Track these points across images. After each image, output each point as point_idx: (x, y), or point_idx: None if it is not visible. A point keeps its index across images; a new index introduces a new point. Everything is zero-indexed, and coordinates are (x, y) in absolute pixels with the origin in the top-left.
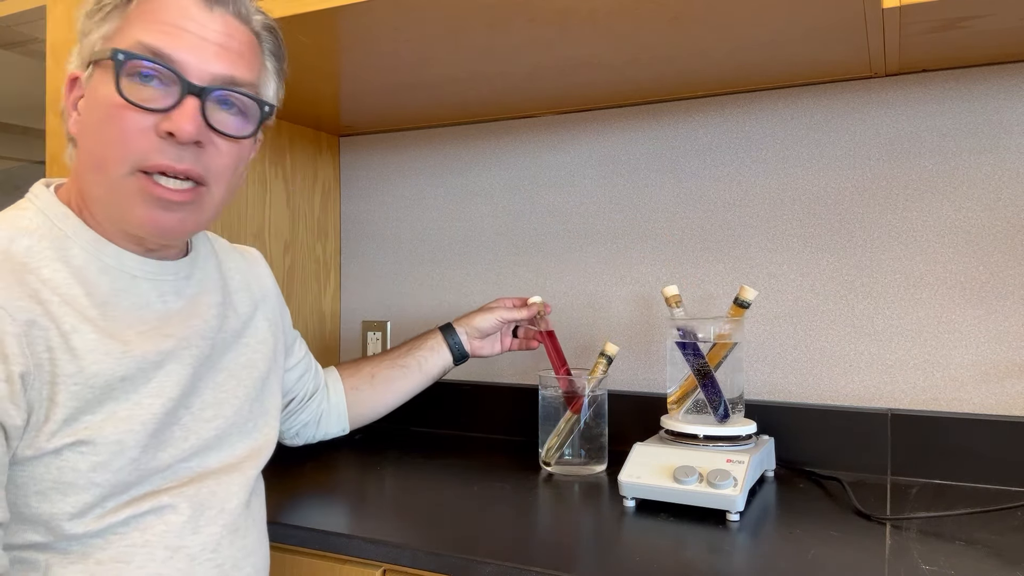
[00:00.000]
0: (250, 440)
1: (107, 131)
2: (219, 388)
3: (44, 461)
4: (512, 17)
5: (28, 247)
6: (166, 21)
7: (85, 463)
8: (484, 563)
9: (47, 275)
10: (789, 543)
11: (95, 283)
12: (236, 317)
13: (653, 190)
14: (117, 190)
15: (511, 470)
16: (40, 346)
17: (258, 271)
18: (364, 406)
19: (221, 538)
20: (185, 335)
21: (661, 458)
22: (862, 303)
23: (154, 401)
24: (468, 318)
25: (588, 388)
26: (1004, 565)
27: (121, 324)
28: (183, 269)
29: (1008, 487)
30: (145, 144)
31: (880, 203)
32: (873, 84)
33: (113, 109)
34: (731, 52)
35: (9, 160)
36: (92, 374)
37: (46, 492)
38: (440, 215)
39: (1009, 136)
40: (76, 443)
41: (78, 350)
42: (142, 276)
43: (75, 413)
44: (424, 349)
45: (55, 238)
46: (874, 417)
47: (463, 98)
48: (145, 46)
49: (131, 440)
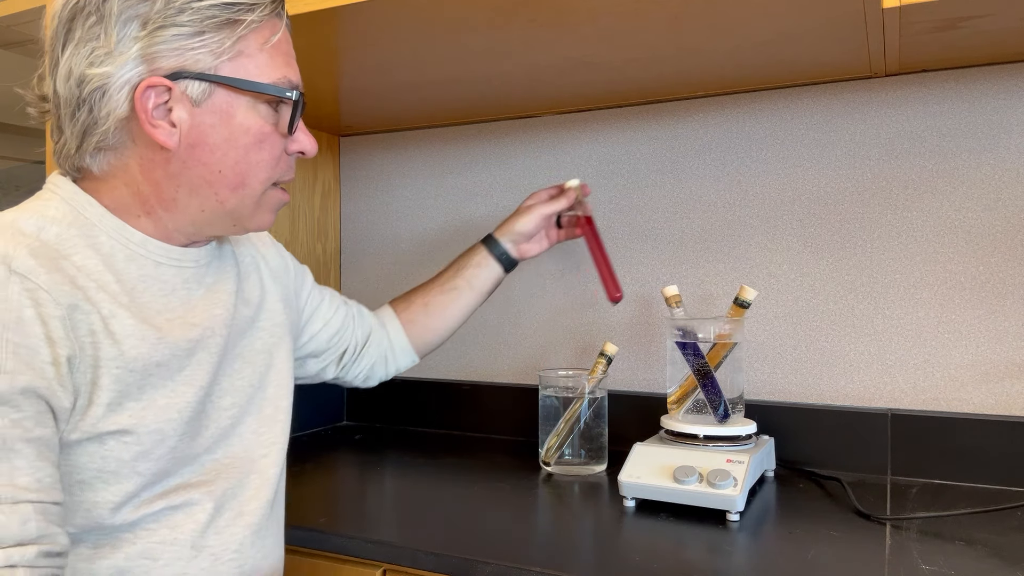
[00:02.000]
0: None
1: (256, 156)
2: (235, 375)
3: (88, 449)
4: (512, 17)
5: (58, 234)
6: (287, 52)
7: (128, 452)
8: (484, 563)
9: (80, 262)
10: (789, 543)
11: (123, 270)
12: (247, 304)
13: (653, 190)
14: (255, 203)
15: (511, 470)
16: (83, 329)
17: (264, 253)
18: (426, 335)
19: (244, 539)
20: (209, 324)
21: (661, 458)
22: (862, 303)
23: (187, 389)
24: (508, 224)
25: (588, 388)
26: (1004, 565)
27: (151, 310)
28: (203, 257)
29: (1008, 487)
30: (284, 164)
31: (880, 203)
32: (873, 84)
33: (263, 136)
34: (731, 52)
35: (9, 160)
36: (132, 358)
37: (89, 481)
38: (440, 215)
39: (1009, 136)
40: (119, 431)
41: (117, 334)
42: (167, 263)
43: (118, 397)
44: (471, 267)
45: (82, 225)
46: (874, 417)
47: (463, 98)
48: (291, 83)
49: (170, 429)
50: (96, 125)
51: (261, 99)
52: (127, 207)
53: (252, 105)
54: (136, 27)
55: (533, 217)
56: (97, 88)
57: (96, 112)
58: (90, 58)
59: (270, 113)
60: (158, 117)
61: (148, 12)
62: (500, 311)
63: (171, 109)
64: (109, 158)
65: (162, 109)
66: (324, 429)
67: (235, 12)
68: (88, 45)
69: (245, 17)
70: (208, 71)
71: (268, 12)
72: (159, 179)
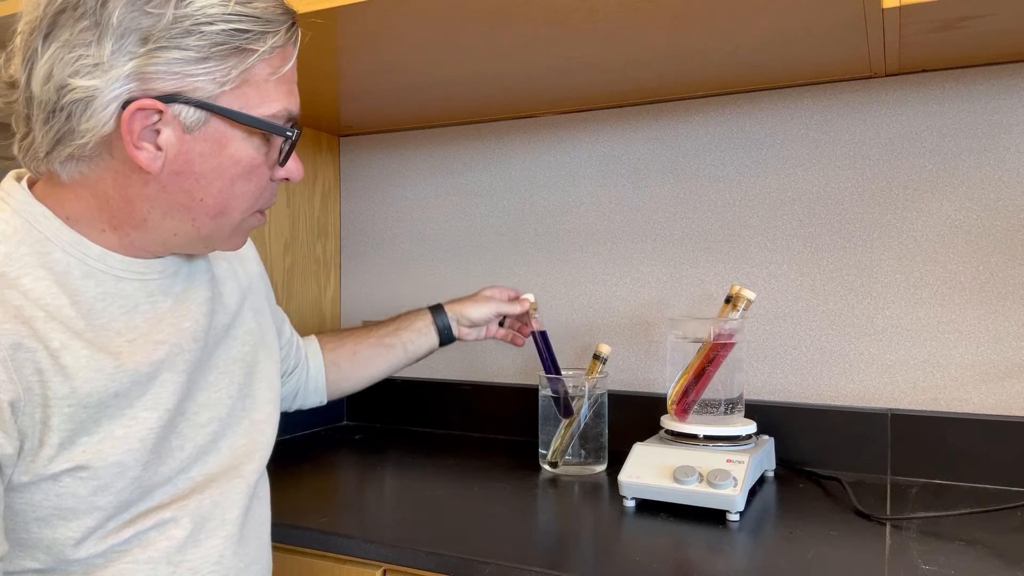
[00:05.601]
0: (246, 437)
1: (241, 187)
2: (211, 388)
3: (42, 488)
4: (512, 17)
5: (6, 254)
6: (291, 80)
7: (85, 488)
8: (484, 563)
9: (29, 285)
10: (789, 543)
11: (79, 288)
12: (224, 311)
13: (653, 190)
14: (234, 228)
15: (511, 470)
16: (28, 369)
17: (243, 255)
18: (343, 382)
19: (224, 549)
20: (177, 340)
21: (661, 458)
22: (862, 303)
23: (150, 415)
24: (461, 305)
25: (586, 388)
26: (1004, 565)
27: (110, 332)
28: (169, 266)
29: (1008, 487)
30: (268, 192)
31: (880, 203)
32: (873, 84)
33: (252, 168)
34: (731, 52)
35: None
36: (85, 394)
37: (46, 519)
38: (440, 215)
39: (1009, 136)
40: (75, 468)
41: (69, 368)
42: (128, 277)
43: (71, 436)
44: (411, 331)
45: (35, 241)
46: (874, 417)
47: (463, 98)
48: (290, 114)
49: (130, 459)
50: (72, 136)
51: (257, 132)
52: (90, 219)
53: (246, 137)
54: (134, 42)
55: (488, 309)
56: (80, 100)
57: (75, 123)
58: (75, 66)
59: (262, 144)
60: (144, 139)
61: (152, 28)
62: None
63: (159, 131)
64: (81, 168)
65: (149, 131)
66: (324, 429)
67: (247, 40)
68: (76, 51)
69: (257, 47)
70: (207, 99)
71: (282, 41)
72: (133, 198)
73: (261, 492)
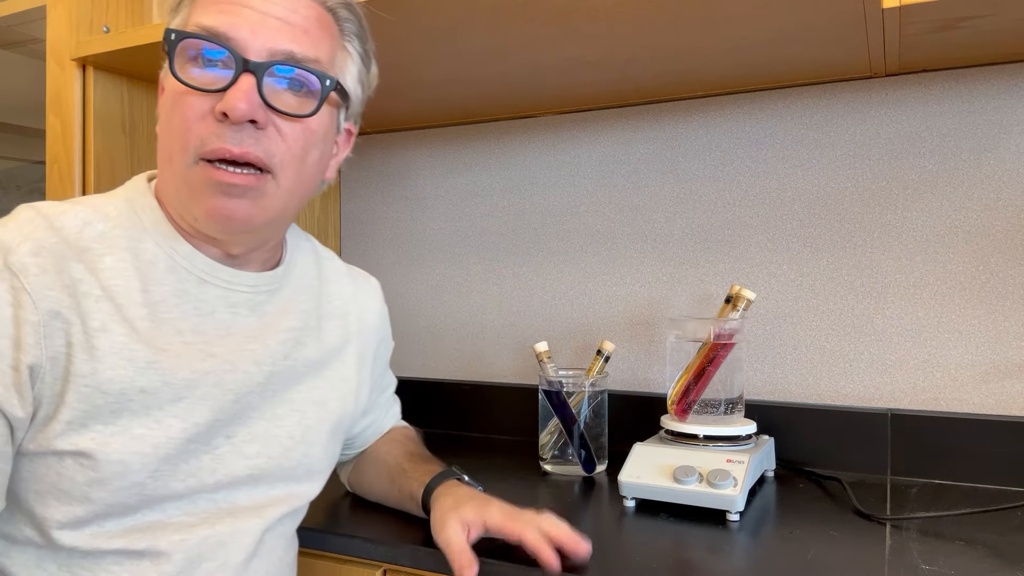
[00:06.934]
0: (291, 486)
1: (172, 121)
2: (275, 421)
3: (46, 461)
4: (512, 17)
5: (102, 233)
6: (225, 0)
7: (83, 476)
8: (484, 563)
9: (107, 264)
10: (789, 543)
11: (159, 280)
12: (318, 346)
13: (653, 190)
14: (185, 183)
15: (511, 470)
16: (59, 339)
17: (365, 301)
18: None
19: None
20: (233, 358)
21: (661, 458)
22: (862, 303)
23: (175, 423)
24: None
25: (586, 384)
26: (1004, 565)
27: (170, 329)
28: (265, 283)
29: (1008, 487)
30: (204, 130)
31: (880, 203)
32: (873, 84)
33: (176, 96)
34: (731, 52)
35: (9, 160)
36: (106, 379)
37: (43, 494)
38: (440, 215)
39: (1009, 136)
40: (78, 453)
41: (99, 350)
42: (212, 282)
43: (83, 418)
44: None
45: (133, 227)
46: (874, 417)
47: (463, 98)
48: (202, 27)
49: (137, 463)
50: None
51: (166, 54)
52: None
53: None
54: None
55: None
56: None
57: None
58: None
59: (186, 68)
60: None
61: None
62: (500, 311)
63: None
64: None
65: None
66: None
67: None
68: None
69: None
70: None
71: None
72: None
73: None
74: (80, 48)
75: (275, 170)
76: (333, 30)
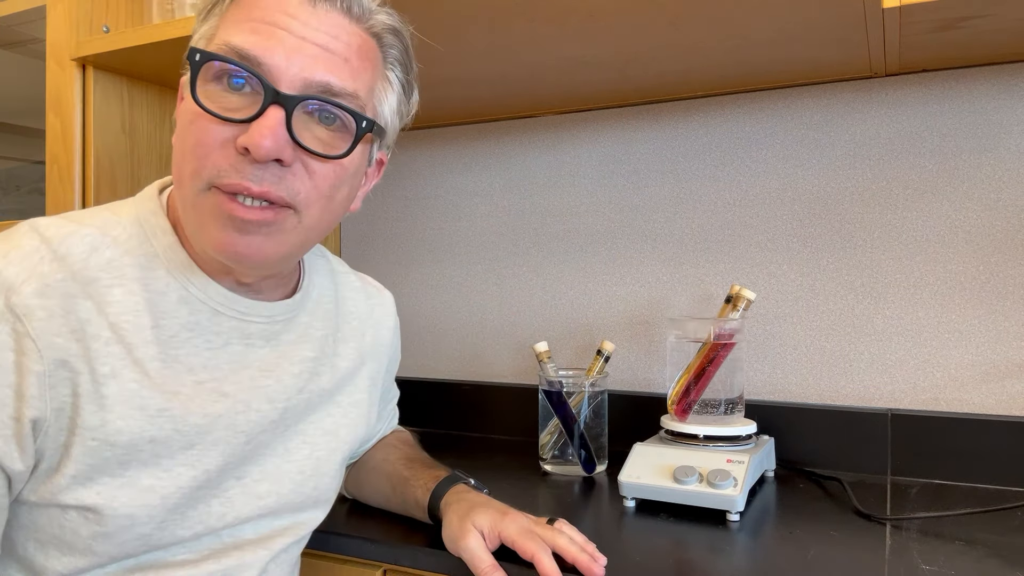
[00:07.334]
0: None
1: (187, 142)
2: (286, 456)
3: (49, 513)
4: (512, 17)
5: (109, 261)
6: (259, 19)
7: (87, 530)
8: None
9: (116, 297)
10: (789, 543)
11: (170, 313)
12: (332, 374)
13: (653, 190)
14: (194, 209)
15: (511, 470)
16: (65, 390)
17: (380, 318)
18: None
19: None
20: (246, 397)
21: (661, 458)
22: (862, 303)
23: (185, 472)
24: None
25: (587, 384)
26: (1004, 565)
27: (179, 368)
28: (281, 312)
29: (1008, 487)
30: (222, 160)
31: (880, 203)
32: (873, 84)
33: (193, 117)
34: (731, 52)
35: (9, 160)
36: (115, 430)
37: (44, 543)
38: (440, 215)
39: (1009, 136)
40: (83, 507)
41: (108, 399)
42: (226, 313)
43: (89, 471)
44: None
45: (143, 254)
46: (874, 417)
47: (463, 98)
48: (233, 47)
49: (145, 515)
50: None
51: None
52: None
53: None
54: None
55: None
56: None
57: None
58: None
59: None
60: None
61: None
62: (500, 311)
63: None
64: None
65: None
66: None
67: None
68: None
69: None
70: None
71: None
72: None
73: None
74: (80, 48)
75: (299, 207)
76: (376, 58)
